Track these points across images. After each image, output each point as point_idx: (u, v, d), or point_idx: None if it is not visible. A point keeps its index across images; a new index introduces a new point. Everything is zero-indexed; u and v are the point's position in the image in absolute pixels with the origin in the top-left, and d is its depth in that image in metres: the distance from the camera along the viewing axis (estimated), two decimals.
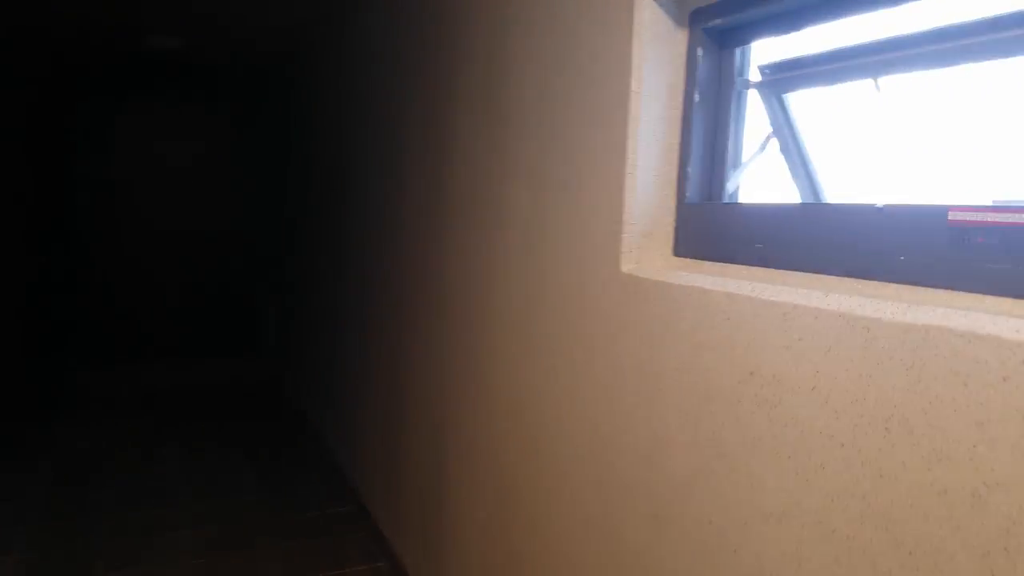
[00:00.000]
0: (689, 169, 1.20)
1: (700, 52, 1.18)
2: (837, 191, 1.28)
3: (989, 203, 0.78)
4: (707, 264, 1.16)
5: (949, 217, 0.81)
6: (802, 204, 1.02)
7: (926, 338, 0.72)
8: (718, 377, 0.99)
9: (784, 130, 1.30)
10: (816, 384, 0.85)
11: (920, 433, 0.73)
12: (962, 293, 0.79)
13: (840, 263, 0.93)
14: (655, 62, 1.17)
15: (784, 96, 1.27)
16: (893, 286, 0.87)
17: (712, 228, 1.16)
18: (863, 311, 0.79)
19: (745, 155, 1.29)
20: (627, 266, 1.20)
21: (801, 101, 1.26)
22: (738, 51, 1.20)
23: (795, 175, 1.35)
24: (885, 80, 1.15)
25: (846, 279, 0.93)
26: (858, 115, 1.24)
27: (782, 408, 0.90)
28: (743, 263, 1.09)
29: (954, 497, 0.70)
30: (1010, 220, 0.75)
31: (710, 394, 1.01)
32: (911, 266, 0.84)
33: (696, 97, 1.18)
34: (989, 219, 0.77)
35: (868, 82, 1.16)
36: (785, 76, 1.23)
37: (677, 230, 1.23)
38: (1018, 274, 0.74)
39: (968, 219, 0.79)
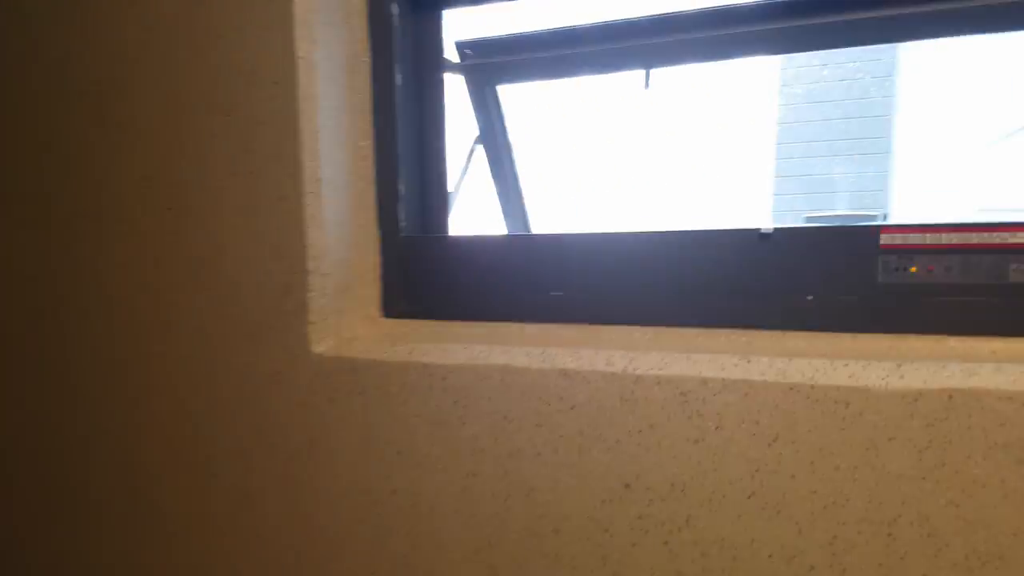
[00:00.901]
0: (400, 186, 0.79)
1: (395, 10, 0.79)
2: (550, 220, 1.01)
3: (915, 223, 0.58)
4: (439, 325, 0.77)
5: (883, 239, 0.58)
6: (603, 234, 0.71)
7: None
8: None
9: (494, 135, 0.99)
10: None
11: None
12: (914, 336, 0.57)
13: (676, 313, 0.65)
14: (327, 14, 0.73)
15: (496, 88, 0.97)
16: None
17: (440, 271, 0.77)
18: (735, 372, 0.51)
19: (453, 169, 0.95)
20: (320, 344, 0.73)
21: (518, 96, 0.97)
22: (443, 15, 0.84)
23: (502, 197, 1.06)
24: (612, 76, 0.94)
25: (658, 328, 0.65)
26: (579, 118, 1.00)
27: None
28: (500, 319, 0.74)
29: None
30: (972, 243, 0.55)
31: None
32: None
33: (398, 78, 0.78)
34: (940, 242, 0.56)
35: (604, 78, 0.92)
36: (499, 61, 0.92)
37: (385, 277, 0.81)
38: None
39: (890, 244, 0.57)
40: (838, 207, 5.07)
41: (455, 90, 0.95)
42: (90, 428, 0.86)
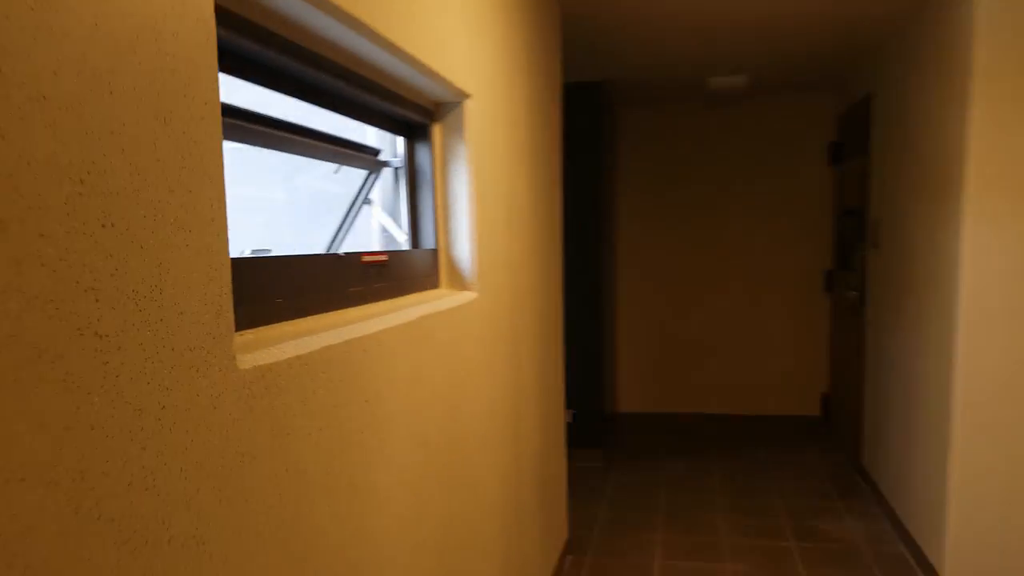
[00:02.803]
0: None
1: None
2: None
3: (376, 248, 1.33)
4: (263, 330, 0.93)
5: (362, 259, 1.28)
6: (308, 255, 1.08)
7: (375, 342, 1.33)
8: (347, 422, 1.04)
9: None
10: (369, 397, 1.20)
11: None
12: (370, 305, 1.32)
13: (326, 301, 1.16)
14: None
15: None
16: (354, 309, 1.24)
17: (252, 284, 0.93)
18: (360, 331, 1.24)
19: None
20: (241, 360, 0.81)
21: None
22: None
23: None
24: None
25: (331, 313, 1.17)
26: None
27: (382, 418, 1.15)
28: (277, 320, 1.01)
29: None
30: (379, 259, 1.35)
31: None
32: (357, 293, 1.26)
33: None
34: (375, 259, 1.33)
35: None
36: None
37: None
38: (393, 286, 1.37)
39: (369, 260, 1.31)
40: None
41: None
42: None
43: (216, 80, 0.73)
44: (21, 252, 0.51)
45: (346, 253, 1.23)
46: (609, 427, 4.52)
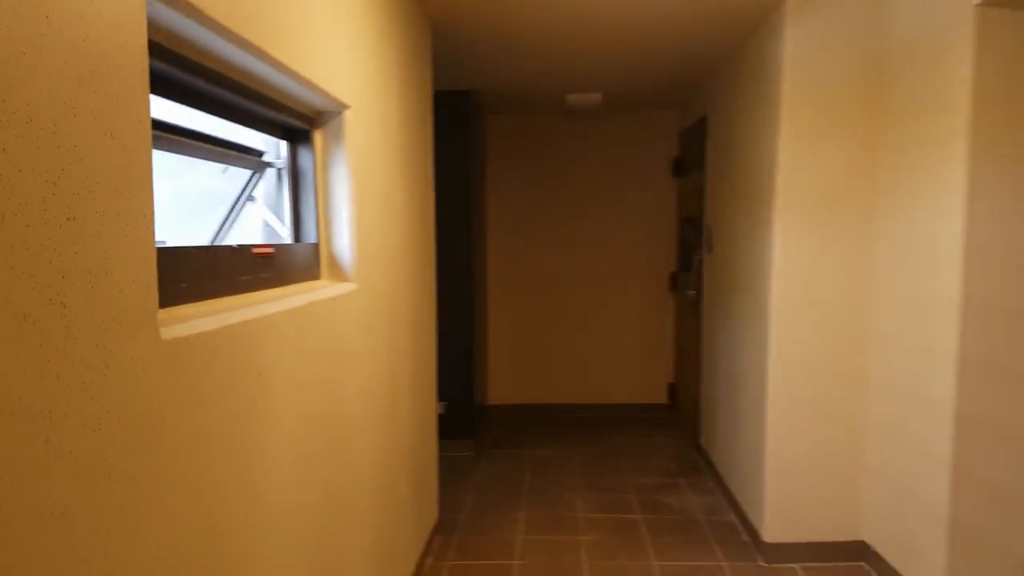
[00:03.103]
0: None
1: None
2: None
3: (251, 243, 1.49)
4: (172, 310, 1.08)
5: (253, 251, 1.44)
6: (207, 246, 1.23)
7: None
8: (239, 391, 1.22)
9: None
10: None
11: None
12: (259, 292, 1.48)
13: (221, 287, 1.32)
14: None
15: None
16: (245, 295, 1.40)
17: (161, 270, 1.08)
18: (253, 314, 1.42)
19: None
20: (166, 331, 0.97)
21: None
22: None
23: None
24: None
25: (226, 298, 1.33)
26: None
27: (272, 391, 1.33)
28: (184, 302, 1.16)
29: None
30: (267, 251, 1.51)
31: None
32: (246, 281, 1.42)
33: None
34: (263, 251, 1.49)
35: None
36: None
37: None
38: (278, 275, 1.53)
39: (259, 252, 1.47)
40: None
41: None
42: None
43: (148, 100, 0.89)
44: (13, 238, 0.66)
45: (239, 245, 1.39)
46: (479, 418, 4.79)
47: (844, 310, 2.89)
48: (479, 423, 4.83)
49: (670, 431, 4.86)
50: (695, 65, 3.77)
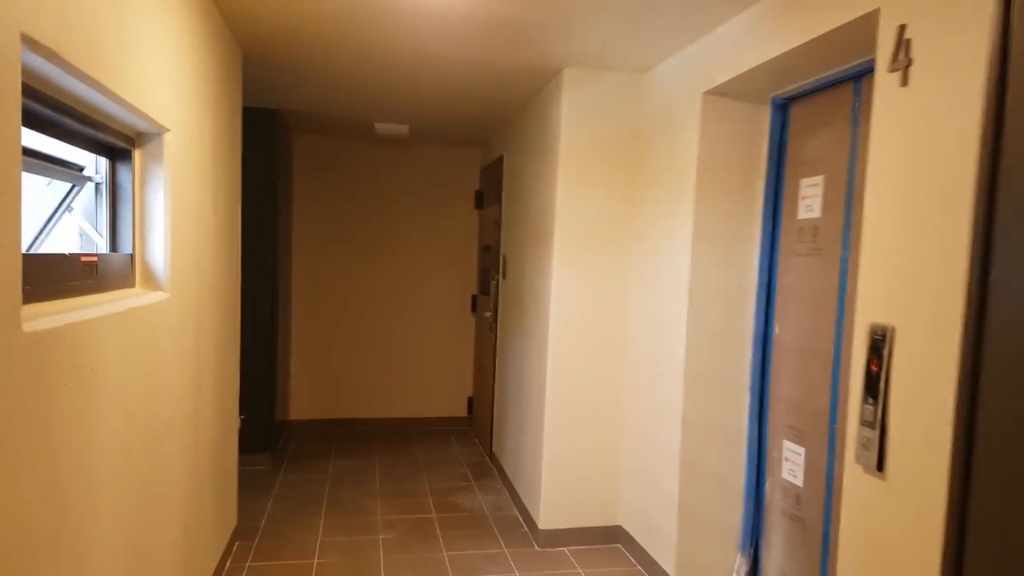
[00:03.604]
0: None
1: None
2: None
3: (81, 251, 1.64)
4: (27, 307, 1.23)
5: (81, 259, 1.59)
6: (44, 254, 1.38)
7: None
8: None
9: None
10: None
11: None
12: (86, 296, 1.63)
13: (52, 291, 1.47)
14: None
15: None
16: (78, 299, 1.55)
17: None
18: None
19: None
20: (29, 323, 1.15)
21: None
22: None
23: None
24: None
25: (59, 301, 1.48)
26: None
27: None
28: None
29: None
30: (92, 259, 1.66)
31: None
32: (74, 286, 1.57)
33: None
34: (89, 259, 1.64)
35: None
36: None
37: None
38: (100, 282, 1.68)
39: (86, 260, 1.62)
40: None
41: None
42: None
43: (19, 129, 1.08)
44: None
45: (71, 253, 1.53)
46: (281, 433, 4.85)
47: (606, 332, 3.49)
48: (280, 437, 4.90)
49: (467, 441, 5.28)
50: (492, 110, 4.28)
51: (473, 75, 3.50)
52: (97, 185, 1.96)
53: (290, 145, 5.12)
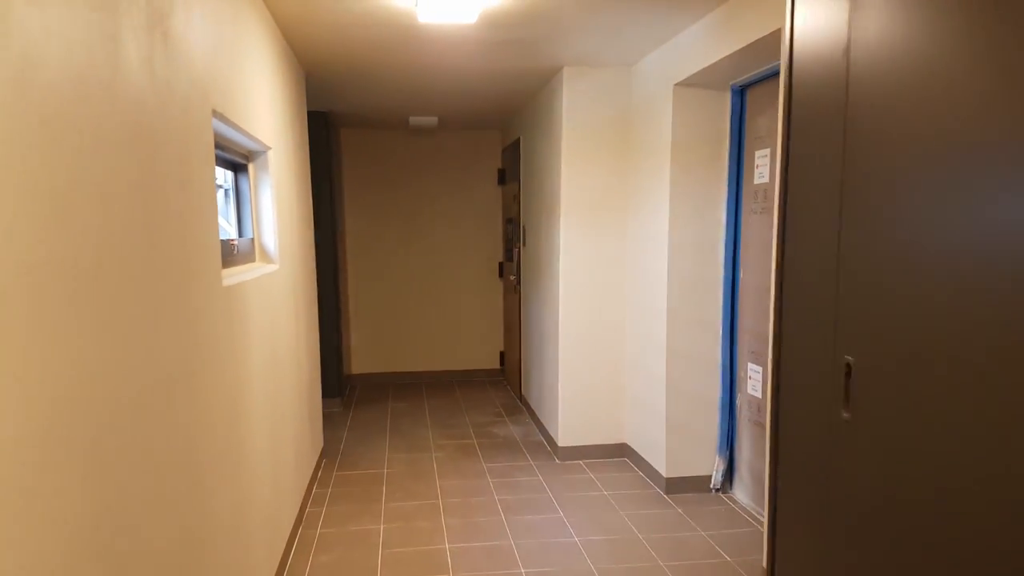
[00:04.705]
0: None
1: None
2: None
3: None
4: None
5: (230, 242, 2.41)
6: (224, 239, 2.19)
7: None
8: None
9: None
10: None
11: None
12: (234, 267, 2.44)
13: None
14: None
15: None
16: (230, 268, 2.37)
17: None
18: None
19: None
20: (224, 281, 1.96)
21: None
22: None
23: None
24: None
25: (224, 269, 2.30)
26: None
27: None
28: None
29: None
30: (234, 242, 2.47)
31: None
32: (228, 259, 2.38)
33: None
34: (232, 242, 2.45)
35: None
36: None
37: None
38: (238, 258, 2.50)
39: (231, 242, 2.43)
40: None
41: None
42: None
43: (214, 167, 1.87)
44: (180, 234, 1.65)
45: (225, 239, 2.34)
46: (346, 384, 5.73)
47: (608, 283, 4.24)
48: (346, 387, 5.78)
49: (500, 388, 6.11)
50: (508, 100, 5.00)
51: (488, 77, 4.23)
52: (226, 191, 2.76)
53: (338, 138, 5.91)
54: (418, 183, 6.29)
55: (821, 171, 1.66)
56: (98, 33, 1.17)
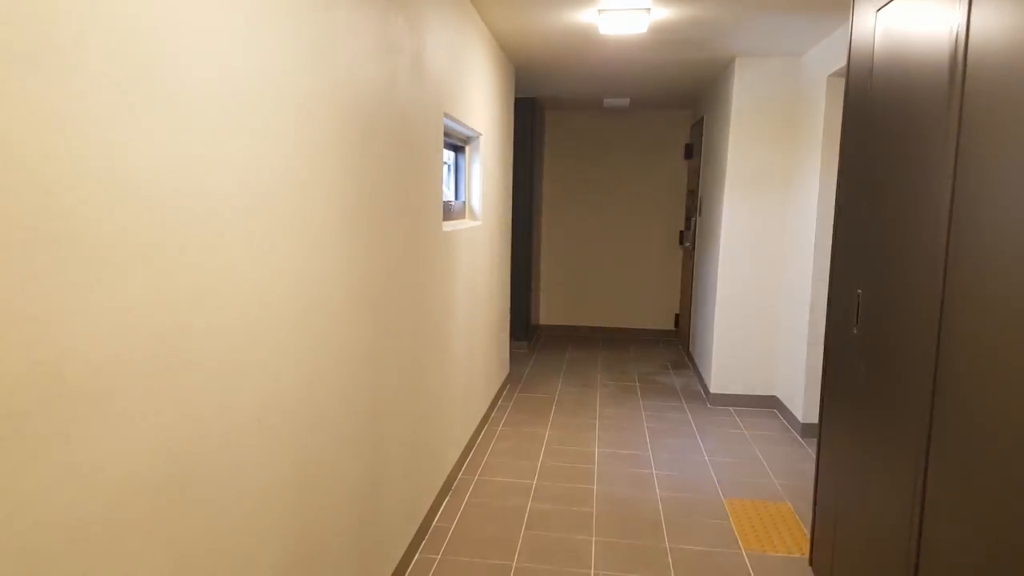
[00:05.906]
0: None
1: None
2: None
3: None
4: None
5: (450, 203, 3.37)
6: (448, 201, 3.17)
7: None
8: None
9: None
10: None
11: None
12: (451, 221, 3.40)
13: None
14: None
15: None
16: (448, 222, 3.33)
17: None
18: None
19: None
20: (446, 227, 2.90)
21: None
22: None
23: None
24: None
25: (445, 221, 3.26)
26: None
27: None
28: None
29: None
30: (450, 202, 3.43)
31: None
32: (448, 215, 3.34)
33: None
34: (449, 202, 3.41)
35: None
36: None
37: None
38: (454, 214, 3.46)
39: (449, 202, 3.39)
40: None
41: None
42: None
43: (442, 151, 2.79)
44: (419, 197, 2.58)
45: (447, 201, 3.30)
46: (533, 331, 6.71)
47: (767, 249, 4.70)
48: (533, 334, 6.77)
49: (671, 347, 6.73)
50: (693, 83, 5.54)
51: (668, 66, 4.83)
52: (449, 166, 3.74)
53: (543, 119, 6.82)
54: (608, 157, 7.02)
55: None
56: (387, 69, 2.10)
